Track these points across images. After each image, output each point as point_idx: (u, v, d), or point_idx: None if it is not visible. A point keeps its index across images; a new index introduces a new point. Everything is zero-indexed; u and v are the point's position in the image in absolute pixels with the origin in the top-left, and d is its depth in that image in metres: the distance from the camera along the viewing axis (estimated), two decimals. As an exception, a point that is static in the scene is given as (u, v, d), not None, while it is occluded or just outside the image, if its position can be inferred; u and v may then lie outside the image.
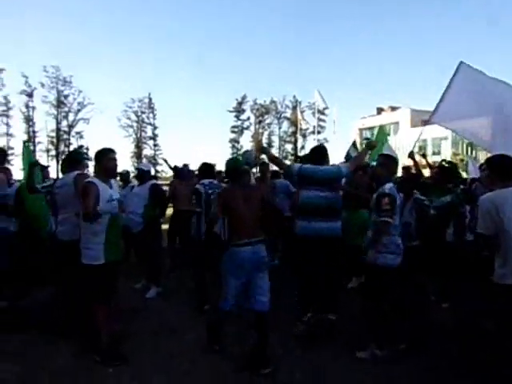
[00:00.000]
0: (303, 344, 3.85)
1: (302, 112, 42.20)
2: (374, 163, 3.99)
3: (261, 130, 55.95)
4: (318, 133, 46.60)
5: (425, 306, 4.64)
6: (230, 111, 54.90)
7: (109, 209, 3.33)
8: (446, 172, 5.16)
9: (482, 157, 35.10)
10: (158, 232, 5.71)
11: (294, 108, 52.51)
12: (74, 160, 4.27)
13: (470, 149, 42.16)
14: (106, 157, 3.52)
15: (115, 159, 3.56)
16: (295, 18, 76.29)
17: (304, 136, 53.08)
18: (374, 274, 3.54)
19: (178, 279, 6.03)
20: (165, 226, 6.33)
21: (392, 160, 3.69)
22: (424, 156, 6.68)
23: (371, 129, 52.79)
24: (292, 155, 55.60)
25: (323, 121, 51.52)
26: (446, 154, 40.65)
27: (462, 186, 5.96)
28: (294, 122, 51.64)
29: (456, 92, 4.51)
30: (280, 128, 56.38)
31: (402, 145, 42.49)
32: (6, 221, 4.69)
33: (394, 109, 52.25)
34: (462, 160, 36.99)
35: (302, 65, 77.53)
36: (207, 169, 5.03)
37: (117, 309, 3.73)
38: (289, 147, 56.77)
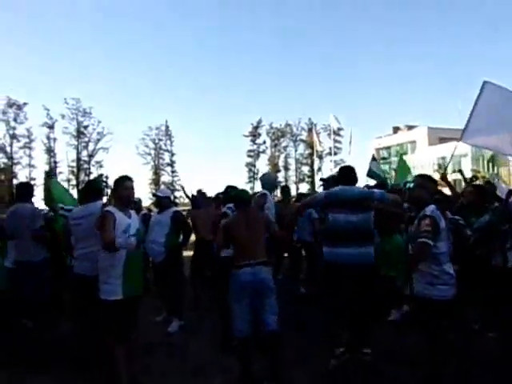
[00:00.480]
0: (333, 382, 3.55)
1: (317, 134, 42.20)
2: (411, 185, 3.65)
3: (277, 153, 56.25)
4: (335, 154, 46.47)
5: (468, 336, 4.25)
6: (246, 136, 55.46)
7: (124, 242, 3.13)
8: (483, 191, 4.85)
9: (505, 173, 34.26)
10: (180, 261, 5.49)
11: (310, 130, 52.73)
12: (95, 190, 4.14)
13: (491, 165, 41.38)
14: (121, 185, 3.41)
15: (130, 188, 3.43)
16: (308, 39, 77.57)
17: (320, 157, 52.93)
18: (424, 309, 3.13)
19: (202, 311, 5.75)
20: (186, 253, 6.10)
21: (430, 180, 3.39)
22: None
23: (388, 148, 52.44)
24: (309, 177, 55.54)
25: (339, 142, 51.50)
26: (466, 171, 39.91)
27: (496, 204, 5.62)
28: (309, 144, 51.70)
29: (483, 110, 4.52)
30: (296, 150, 56.64)
31: (420, 164, 42.10)
32: (45, 251, 4.47)
33: (410, 127, 51.84)
34: (483, 177, 36.26)
35: (316, 86, 78.38)
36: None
37: (137, 345, 3.49)
38: (305, 169, 56.84)
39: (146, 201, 25.23)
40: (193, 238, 6.17)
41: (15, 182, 45.24)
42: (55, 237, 4.67)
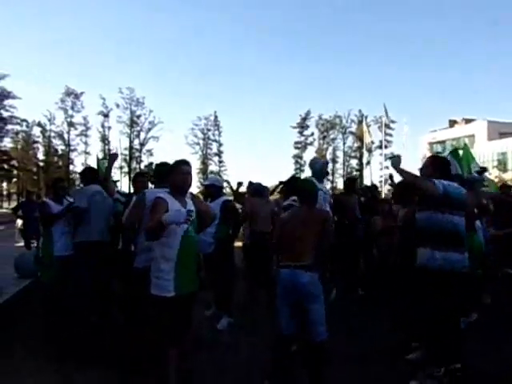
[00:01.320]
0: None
1: (368, 126, 40.76)
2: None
3: (325, 146, 55.11)
4: (385, 147, 44.77)
5: None
6: (294, 127, 54.73)
7: (173, 217, 2.67)
8: None
9: None
10: (230, 254, 5.25)
11: (360, 122, 51.19)
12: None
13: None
14: (175, 170, 3.06)
15: (185, 173, 3.03)
16: (361, 28, 75.08)
17: (369, 151, 51.16)
18: None
19: (255, 306, 5.46)
20: (236, 244, 5.82)
21: None
22: None
23: (442, 142, 49.80)
24: (357, 170, 54.01)
25: (390, 135, 49.51)
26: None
27: None
28: (359, 137, 50.16)
29: None
30: (345, 143, 55.18)
31: (479, 159, 39.62)
32: None
33: (468, 121, 48.95)
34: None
35: (369, 77, 75.92)
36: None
37: (189, 343, 3.24)
38: (354, 162, 55.32)
39: (194, 190, 25.47)
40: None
41: (71, 167, 47.51)
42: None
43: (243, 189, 6.78)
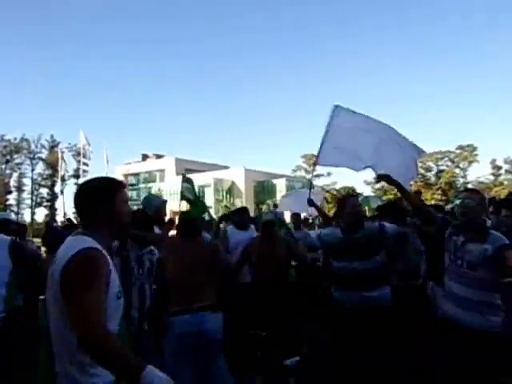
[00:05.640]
0: None
1: (61, 153, 38.00)
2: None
3: (8, 171, 47.28)
4: (79, 177, 42.96)
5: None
6: (-35, 146, 44.54)
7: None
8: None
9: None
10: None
11: (52, 148, 47.32)
12: None
13: (228, 196, 47.17)
14: (113, 196, 1.65)
15: (126, 200, 1.71)
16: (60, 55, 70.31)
17: (63, 180, 47.63)
18: (497, 348, 2.45)
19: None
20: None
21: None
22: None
23: (137, 175, 52.22)
24: (48, 201, 48.98)
25: (86, 164, 47.84)
26: (210, 199, 44.18)
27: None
28: (51, 164, 46.01)
29: (336, 133, 4.38)
30: (33, 170, 49.03)
31: (169, 192, 43.80)
32: None
33: (159, 156, 53.46)
34: (226, 206, 40.87)
35: (63, 104, 71.83)
36: None
37: None
38: (44, 191, 49.85)
39: None
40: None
41: None
42: None
43: None
